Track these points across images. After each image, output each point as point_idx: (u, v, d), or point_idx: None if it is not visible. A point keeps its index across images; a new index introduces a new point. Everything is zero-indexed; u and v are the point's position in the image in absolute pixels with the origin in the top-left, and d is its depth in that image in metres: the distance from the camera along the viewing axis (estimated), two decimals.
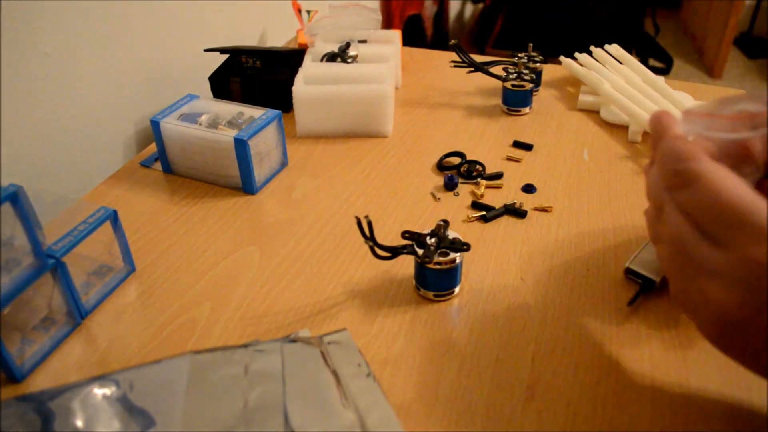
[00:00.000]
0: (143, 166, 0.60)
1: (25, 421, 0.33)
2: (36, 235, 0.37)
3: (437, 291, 0.43)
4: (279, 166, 0.59)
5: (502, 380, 0.37)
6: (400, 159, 0.61)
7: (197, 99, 0.60)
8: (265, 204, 0.55)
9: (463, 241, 0.42)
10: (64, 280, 0.40)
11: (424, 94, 0.73)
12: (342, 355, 0.38)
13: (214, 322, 0.42)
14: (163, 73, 0.71)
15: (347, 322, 0.42)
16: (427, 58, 0.84)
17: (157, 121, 0.56)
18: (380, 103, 0.63)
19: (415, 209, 0.53)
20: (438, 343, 0.40)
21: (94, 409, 0.33)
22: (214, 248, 0.49)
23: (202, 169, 0.57)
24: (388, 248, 0.42)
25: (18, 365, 0.38)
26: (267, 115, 0.56)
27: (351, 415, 0.34)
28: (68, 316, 0.42)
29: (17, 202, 0.35)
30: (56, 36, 0.56)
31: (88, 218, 0.43)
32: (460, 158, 0.59)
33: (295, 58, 0.70)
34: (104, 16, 0.61)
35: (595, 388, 0.37)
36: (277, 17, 0.92)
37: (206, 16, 0.77)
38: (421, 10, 1.73)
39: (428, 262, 0.41)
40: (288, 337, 0.39)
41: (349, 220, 0.52)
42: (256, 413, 0.33)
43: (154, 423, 0.33)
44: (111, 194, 0.56)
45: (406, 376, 0.38)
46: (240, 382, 0.35)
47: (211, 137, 0.54)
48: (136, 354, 0.40)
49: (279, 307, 0.43)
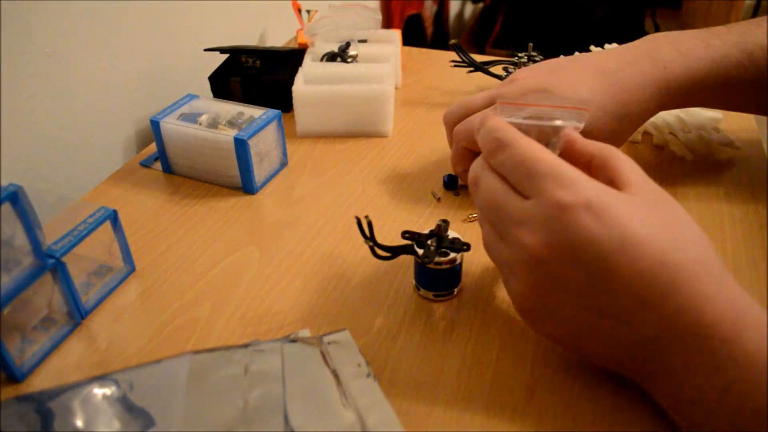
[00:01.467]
0: (143, 166, 0.60)
1: (25, 421, 0.33)
2: (36, 235, 0.37)
3: (437, 291, 0.43)
4: (279, 166, 0.59)
5: (502, 380, 0.37)
6: (400, 159, 0.61)
7: (197, 99, 0.60)
8: (265, 204, 0.55)
9: (463, 241, 0.42)
10: (64, 280, 0.40)
11: (424, 94, 0.73)
12: (342, 355, 0.38)
13: (214, 322, 0.42)
14: (163, 73, 0.71)
15: (347, 322, 0.42)
16: (427, 58, 0.84)
17: (157, 121, 0.56)
18: (380, 103, 0.62)
19: (415, 209, 0.53)
20: (438, 343, 0.40)
21: (94, 409, 0.33)
22: (214, 248, 0.49)
23: (202, 169, 0.57)
24: (388, 248, 0.42)
25: (18, 365, 0.38)
26: (267, 115, 0.56)
27: (351, 415, 0.34)
28: (68, 316, 0.42)
29: (17, 202, 0.35)
30: (56, 36, 0.56)
31: (88, 218, 0.43)
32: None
33: (295, 58, 0.70)
34: (104, 16, 0.61)
35: (595, 388, 0.37)
36: (277, 17, 0.91)
37: (206, 16, 0.76)
38: (421, 9, 1.73)
39: (428, 262, 0.41)
40: (288, 337, 0.39)
41: (349, 220, 0.52)
42: (256, 413, 0.33)
43: (154, 423, 0.33)
44: (111, 194, 0.56)
45: (406, 376, 0.38)
46: (240, 382, 0.35)
47: (211, 137, 0.54)
48: (136, 354, 0.40)
49: (279, 307, 0.43)
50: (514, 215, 0.34)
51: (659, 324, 0.31)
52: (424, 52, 0.85)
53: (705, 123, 0.60)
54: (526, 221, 0.33)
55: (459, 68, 0.71)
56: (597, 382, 0.37)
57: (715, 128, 0.60)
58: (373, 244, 0.41)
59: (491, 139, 0.36)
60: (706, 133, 0.59)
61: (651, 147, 0.61)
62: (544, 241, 0.32)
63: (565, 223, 0.32)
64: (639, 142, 0.62)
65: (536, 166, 0.33)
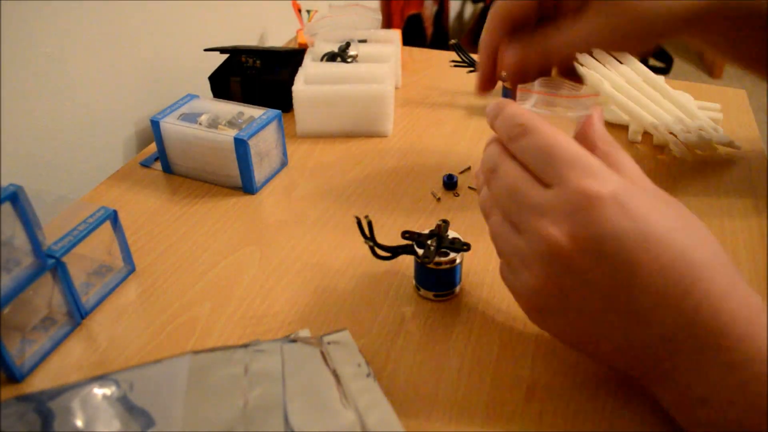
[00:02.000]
0: (143, 166, 0.60)
1: (25, 421, 0.33)
2: (36, 235, 0.37)
3: (437, 291, 0.43)
4: (279, 166, 0.59)
5: (502, 380, 0.37)
6: (400, 159, 0.61)
7: (197, 99, 0.60)
8: (265, 204, 0.55)
9: (463, 241, 0.42)
10: (64, 280, 0.40)
11: (424, 94, 0.73)
12: (342, 355, 0.38)
13: (214, 322, 0.42)
14: (163, 73, 0.71)
15: (347, 322, 0.42)
16: (427, 57, 0.84)
17: (157, 121, 0.56)
18: (380, 103, 0.62)
19: (415, 209, 0.53)
20: (438, 343, 0.40)
21: (94, 409, 0.33)
22: (214, 248, 0.49)
23: (202, 169, 0.57)
24: (388, 248, 0.42)
25: (18, 365, 0.38)
26: (267, 115, 0.56)
27: (351, 415, 0.34)
28: (68, 316, 0.42)
29: (17, 202, 0.35)
30: (56, 36, 0.56)
31: (88, 218, 0.43)
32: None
33: (295, 58, 0.70)
34: (104, 16, 0.61)
35: (595, 388, 0.37)
36: (277, 17, 0.91)
37: (206, 16, 0.77)
38: (421, 9, 1.73)
39: (428, 262, 0.41)
40: (288, 337, 0.39)
41: (349, 220, 0.52)
42: (256, 413, 0.33)
43: (154, 423, 0.33)
44: (111, 194, 0.56)
45: (406, 376, 0.38)
46: (240, 382, 0.35)
47: (211, 137, 0.54)
48: (136, 354, 0.40)
49: (279, 307, 0.43)
50: (535, 204, 0.32)
51: (678, 322, 0.31)
52: (424, 52, 0.85)
53: (705, 123, 0.60)
54: (547, 211, 0.32)
55: (459, 68, 0.71)
56: (597, 382, 0.37)
57: (715, 128, 0.60)
58: (373, 244, 0.41)
59: (514, 125, 0.34)
60: (706, 133, 0.59)
61: (651, 147, 0.61)
62: (568, 233, 0.31)
63: (592, 215, 0.30)
64: (639, 142, 0.62)
65: (561, 153, 0.32)
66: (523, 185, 0.33)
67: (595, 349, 0.35)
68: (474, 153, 0.61)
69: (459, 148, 0.61)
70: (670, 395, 0.33)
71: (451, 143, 0.63)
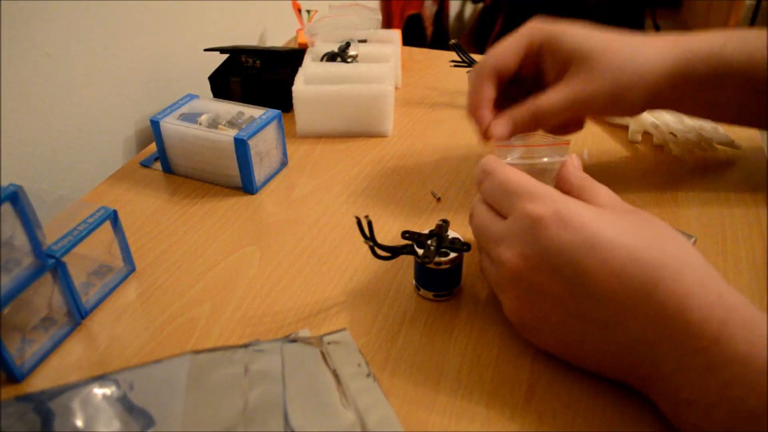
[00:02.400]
0: (143, 166, 0.60)
1: (25, 421, 0.33)
2: (36, 235, 0.37)
3: (437, 291, 0.43)
4: (279, 166, 0.59)
5: (502, 380, 0.37)
6: (400, 159, 0.61)
7: (197, 99, 0.60)
8: (265, 204, 0.55)
9: (463, 241, 0.42)
10: (64, 280, 0.40)
11: (424, 94, 0.73)
12: (342, 355, 0.38)
13: (214, 322, 0.42)
14: (163, 73, 0.71)
15: (347, 322, 0.42)
16: (427, 57, 0.84)
17: (157, 121, 0.56)
18: (380, 102, 0.62)
19: (415, 209, 0.53)
20: (438, 343, 0.40)
21: (94, 409, 0.33)
22: (214, 248, 0.49)
23: (202, 169, 0.57)
24: (388, 248, 0.42)
25: (18, 365, 0.38)
26: (267, 115, 0.56)
27: (351, 415, 0.34)
28: (68, 316, 0.42)
29: (17, 202, 0.35)
30: (56, 36, 0.56)
31: (88, 218, 0.43)
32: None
33: (295, 58, 0.70)
34: (104, 16, 0.61)
35: (595, 388, 0.37)
36: (277, 17, 0.92)
37: (206, 16, 0.77)
38: (421, 9, 1.73)
39: (428, 262, 0.41)
40: (288, 337, 0.39)
41: (349, 220, 0.52)
42: (256, 413, 0.33)
43: (154, 423, 0.33)
44: (111, 194, 0.56)
45: (406, 376, 0.38)
46: (240, 382, 0.35)
47: (211, 137, 0.54)
48: (136, 354, 0.40)
49: (279, 307, 0.43)
50: (495, 235, 0.37)
51: (644, 325, 0.32)
52: (424, 52, 0.85)
53: (705, 123, 0.60)
54: (504, 238, 0.36)
55: (459, 68, 0.71)
56: (597, 382, 0.37)
57: (715, 128, 0.60)
58: (373, 244, 0.41)
59: (479, 171, 0.40)
60: (706, 133, 0.59)
61: (651, 147, 0.61)
62: (520, 254, 0.35)
63: (536, 234, 0.34)
64: (639, 142, 0.62)
65: (512, 186, 0.36)
66: (488, 221, 0.38)
67: (578, 357, 0.37)
68: (474, 153, 0.61)
69: (459, 148, 0.61)
70: (660, 397, 0.34)
71: (451, 143, 0.63)
